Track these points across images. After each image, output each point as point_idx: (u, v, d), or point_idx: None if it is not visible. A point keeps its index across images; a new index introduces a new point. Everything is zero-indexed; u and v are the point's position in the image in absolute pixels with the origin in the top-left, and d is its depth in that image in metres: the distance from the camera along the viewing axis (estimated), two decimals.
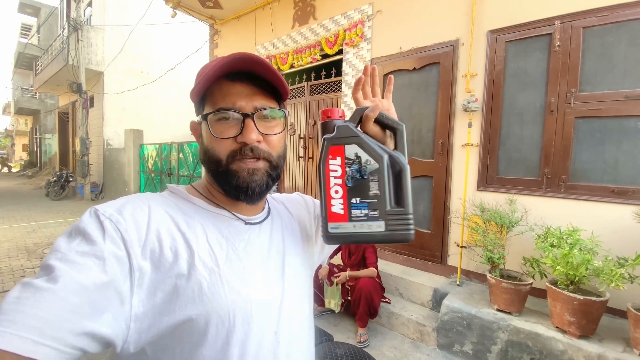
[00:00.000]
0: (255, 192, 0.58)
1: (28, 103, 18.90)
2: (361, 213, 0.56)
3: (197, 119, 0.63)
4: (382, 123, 0.61)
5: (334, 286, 2.77)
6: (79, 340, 0.39)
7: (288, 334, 0.58)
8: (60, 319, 0.38)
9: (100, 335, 0.41)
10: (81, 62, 9.19)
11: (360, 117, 0.60)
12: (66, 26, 9.65)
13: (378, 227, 0.56)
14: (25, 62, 17.44)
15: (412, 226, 0.55)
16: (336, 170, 0.57)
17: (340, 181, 0.57)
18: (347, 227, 0.57)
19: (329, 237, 0.58)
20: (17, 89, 19.58)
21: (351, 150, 0.57)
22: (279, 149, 0.62)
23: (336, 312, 2.84)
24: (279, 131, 0.61)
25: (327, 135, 0.58)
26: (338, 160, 0.57)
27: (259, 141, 0.57)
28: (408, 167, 0.57)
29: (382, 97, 0.70)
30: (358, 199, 0.57)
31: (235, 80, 0.58)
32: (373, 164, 0.56)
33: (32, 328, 0.36)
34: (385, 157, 0.57)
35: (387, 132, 0.63)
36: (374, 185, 0.56)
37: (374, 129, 0.60)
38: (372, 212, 0.56)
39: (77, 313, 0.39)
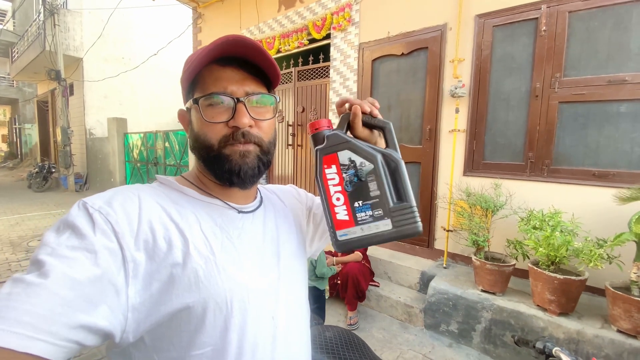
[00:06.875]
0: (247, 175, 0.58)
1: (5, 92, 18.10)
2: (366, 215, 0.56)
3: (185, 106, 0.62)
4: (369, 124, 0.61)
5: None
6: (75, 333, 0.39)
7: (285, 318, 0.60)
8: (53, 313, 0.38)
9: (97, 328, 0.41)
10: (59, 47, 8.78)
11: (347, 123, 0.61)
12: (42, 10, 9.17)
13: (385, 225, 0.56)
14: (1, 49, 16.61)
15: (418, 218, 0.56)
16: (334, 179, 0.58)
17: (339, 188, 0.58)
18: (356, 232, 0.57)
19: (340, 245, 0.58)
20: None
21: (344, 156, 0.58)
22: (269, 135, 0.62)
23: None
24: (269, 117, 0.61)
25: (318, 147, 0.59)
26: (334, 169, 0.58)
27: (250, 126, 0.58)
28: (403, 162, 0.58)
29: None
30: (360, 202, 0.57)
31: (226, 65, 0.57)
32: (368, 166, 0.57)
33: (25, 324, 0.36)
34: (379, 156, 0.57)
35: (376, 132, 0.63)
36: (373, 186, 0.56)
37: (364, 132, 0.61)
38: (376, 212, 0.56)
39: (71, 307, 0.39)
